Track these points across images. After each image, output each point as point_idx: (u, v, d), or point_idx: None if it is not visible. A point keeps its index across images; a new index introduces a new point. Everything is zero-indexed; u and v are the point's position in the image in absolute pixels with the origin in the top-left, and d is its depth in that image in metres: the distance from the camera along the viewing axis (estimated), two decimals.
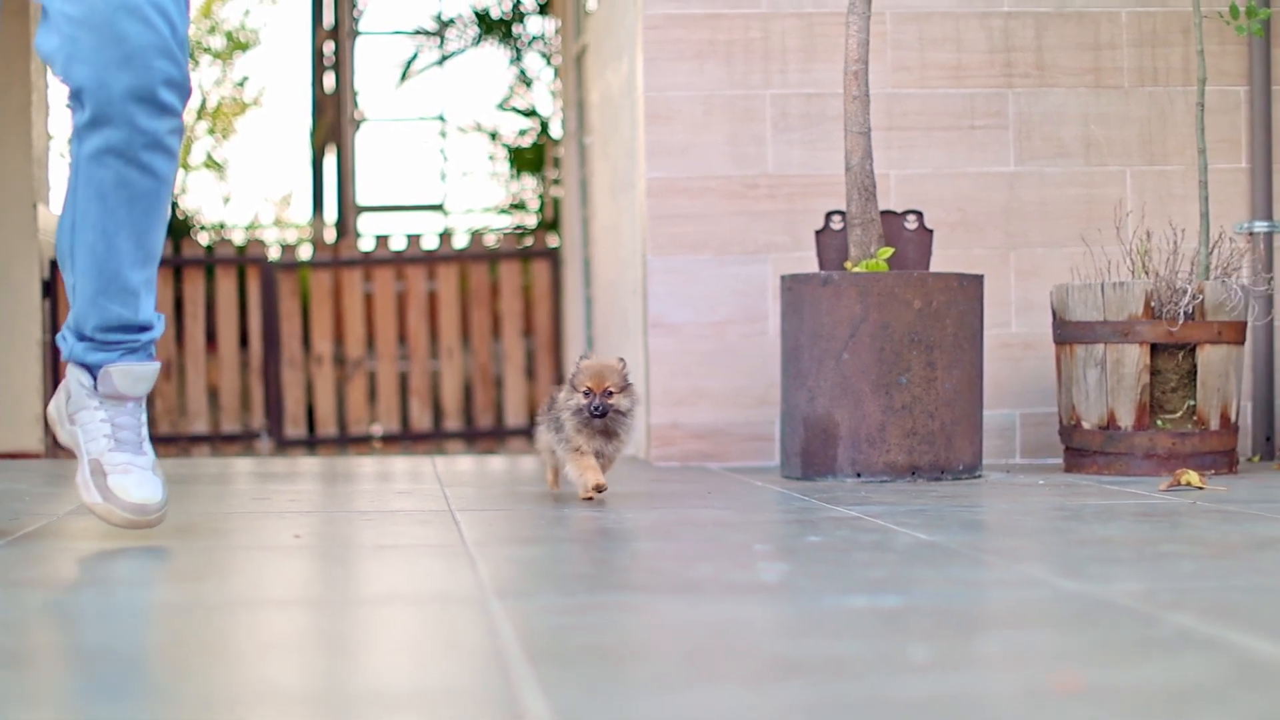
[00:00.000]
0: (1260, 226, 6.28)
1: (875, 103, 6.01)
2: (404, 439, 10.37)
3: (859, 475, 5.20)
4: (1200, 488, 4.85)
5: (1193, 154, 6.17)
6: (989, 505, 4.44)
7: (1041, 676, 2.03)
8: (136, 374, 3.63)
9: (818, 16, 6.16)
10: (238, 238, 13.07)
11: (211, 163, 14.09)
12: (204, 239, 12.20)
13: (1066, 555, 3.34)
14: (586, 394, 4.28)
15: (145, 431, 3.66)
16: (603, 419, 4.28)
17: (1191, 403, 5.46)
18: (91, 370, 3.64)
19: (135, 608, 2.65)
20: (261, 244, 11.19)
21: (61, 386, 3.72)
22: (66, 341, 3.66)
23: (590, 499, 4.37)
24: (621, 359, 4.41)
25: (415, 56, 12.28)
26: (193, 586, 2.86)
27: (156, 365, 3.69)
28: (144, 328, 3.66)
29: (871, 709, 1.86)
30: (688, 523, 3.99)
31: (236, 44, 14.38)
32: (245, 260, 10.34)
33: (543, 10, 11.70)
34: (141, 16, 3.43)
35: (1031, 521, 4.04)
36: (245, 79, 14.38)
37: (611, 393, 4.28)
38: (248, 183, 19.63)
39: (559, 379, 9.94)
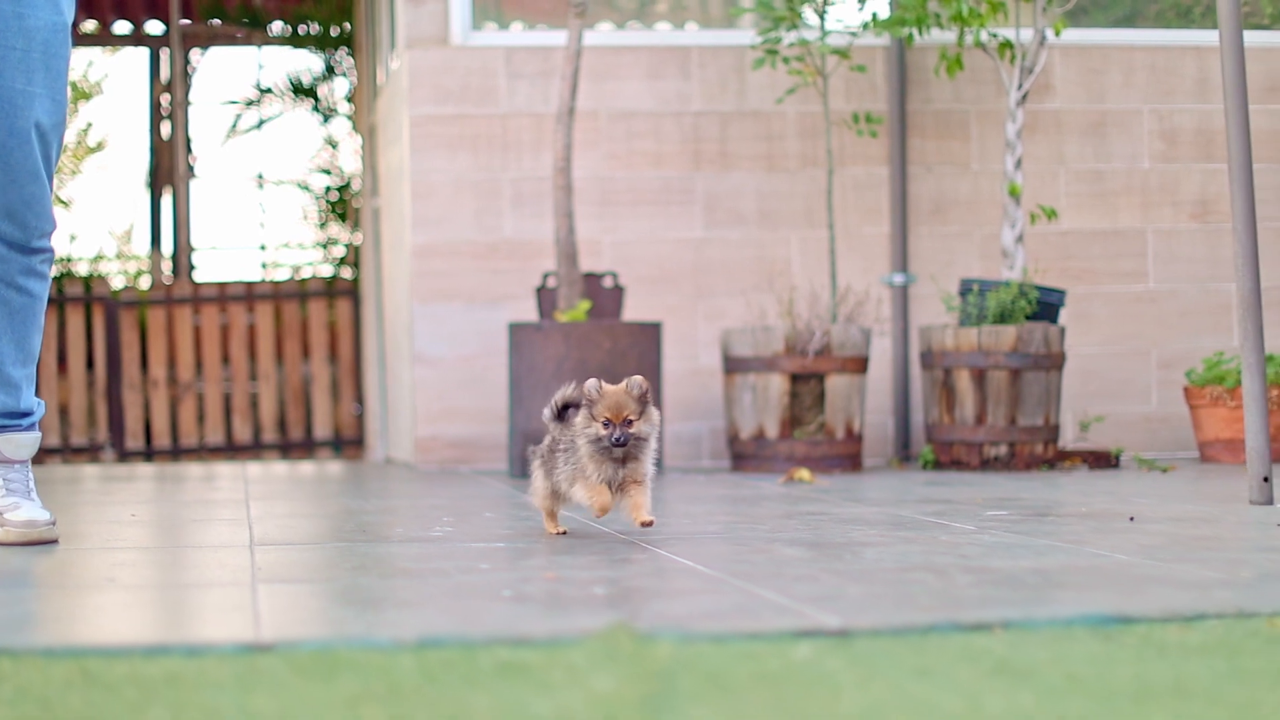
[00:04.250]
0: (898, 279, 8.05)
1: (592, 183, 7.74)
2: (228, 450, 11.83)
3: None
4: (810, 482, 6.55)
5: (846, 221, 7.93)
6: None
7: (538, 573, 3.70)
8: (18, 441, 4.44)
9: (545, 116, 7.84)
10: (83, 269, 14.41)
11: (57, 200, 15.37)
12: (52, 271, 13.50)
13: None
14: (606, 424, 4.23)
15: (33, 485, 4.45)
16: (624, 449, 4.26)
17: (822, 419, 7.19)
18: None
19: (17, 552, 4.24)
20: (105, 282, 12.58)
21: None
22: None
23: (599, 516, 4.41)
24: (639, 378, 4.30)
25: (238, 121, 13.87)
26: (60, 542, 4.45)
27: (37, 435, 4.49)
28: (25, 414, 4.48)
29: (444, 588, 3.53)
30: (414, 506, 5.65)
31: (80, 93, 15.65)
32: (91, 299, 11.80)
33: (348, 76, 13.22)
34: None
35: (654, 504, 5.70)
36: (89, 125, 15.68)
37: (631, 421, 4.23)
38: (92, 219, 20.72)
39: (359, 397, 11.53)
